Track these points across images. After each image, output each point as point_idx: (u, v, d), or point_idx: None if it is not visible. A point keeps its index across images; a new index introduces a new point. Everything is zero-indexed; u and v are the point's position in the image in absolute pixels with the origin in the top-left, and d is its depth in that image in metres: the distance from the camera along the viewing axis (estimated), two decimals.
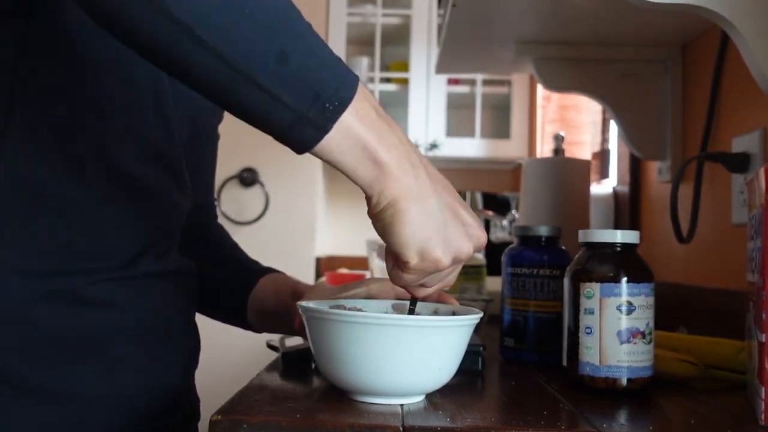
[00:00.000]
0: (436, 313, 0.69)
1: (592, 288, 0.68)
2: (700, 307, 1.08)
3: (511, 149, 2.79)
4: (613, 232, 0.70)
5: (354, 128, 0.53)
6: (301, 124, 0.52)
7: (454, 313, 0.67)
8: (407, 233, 0.54)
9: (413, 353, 0.57)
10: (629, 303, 0.66)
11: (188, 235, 0.89)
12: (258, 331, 0.91)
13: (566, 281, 0.72)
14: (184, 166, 0.81)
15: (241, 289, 0.90)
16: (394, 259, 0.57)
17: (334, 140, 0.52)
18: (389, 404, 0.58)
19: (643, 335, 0.67)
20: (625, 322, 0.66)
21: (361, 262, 2.93)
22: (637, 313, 0.67)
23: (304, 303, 0.62)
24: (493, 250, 2.67)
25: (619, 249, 0.70)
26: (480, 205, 2.76)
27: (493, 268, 2.52)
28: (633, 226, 1.45)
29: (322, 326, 0.59)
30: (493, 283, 1.96)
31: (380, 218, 0.55)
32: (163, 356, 0.75)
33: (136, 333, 0.71)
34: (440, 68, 1.47)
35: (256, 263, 0.95)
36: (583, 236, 0.72)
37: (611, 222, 1.55)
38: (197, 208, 0.91)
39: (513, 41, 1.25)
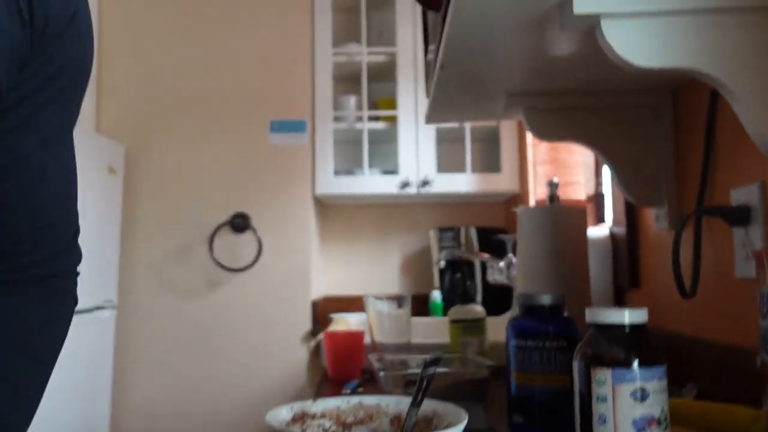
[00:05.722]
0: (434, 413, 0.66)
1: (604, 374, 0.66)
2: (709, 364, 1.06)
3: (503, 182, 2.78)
4: (621, 312, 0.68)
5: None
6: None
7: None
8: None
9: None
10: (643, 390, 0.64)
11: None
12: None
13: (576, 363, 0.70)
14: None
15: None
16: None
17: None
18: None
19: (659, 422, 0.65)
20: (639, 410, 0.64)
21: (356, 302, 2.91)
22: (651, 399, 0.65)
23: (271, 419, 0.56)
24: (490, 291, 2.67)
25: (628, 330, 0.68)
26: (475, 243, 2.74)
27: (491, 310, 2.50)
28: (632, 269, 1.44)
29: None
30: (494, 326, 1.94)
31: None
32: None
33: None
34: (430, 119, 1.46)
35: None
36: (590, 316, 0.70)
37: (610, 265, 1.54)
38: None
39: (503, 93, 1.24)
